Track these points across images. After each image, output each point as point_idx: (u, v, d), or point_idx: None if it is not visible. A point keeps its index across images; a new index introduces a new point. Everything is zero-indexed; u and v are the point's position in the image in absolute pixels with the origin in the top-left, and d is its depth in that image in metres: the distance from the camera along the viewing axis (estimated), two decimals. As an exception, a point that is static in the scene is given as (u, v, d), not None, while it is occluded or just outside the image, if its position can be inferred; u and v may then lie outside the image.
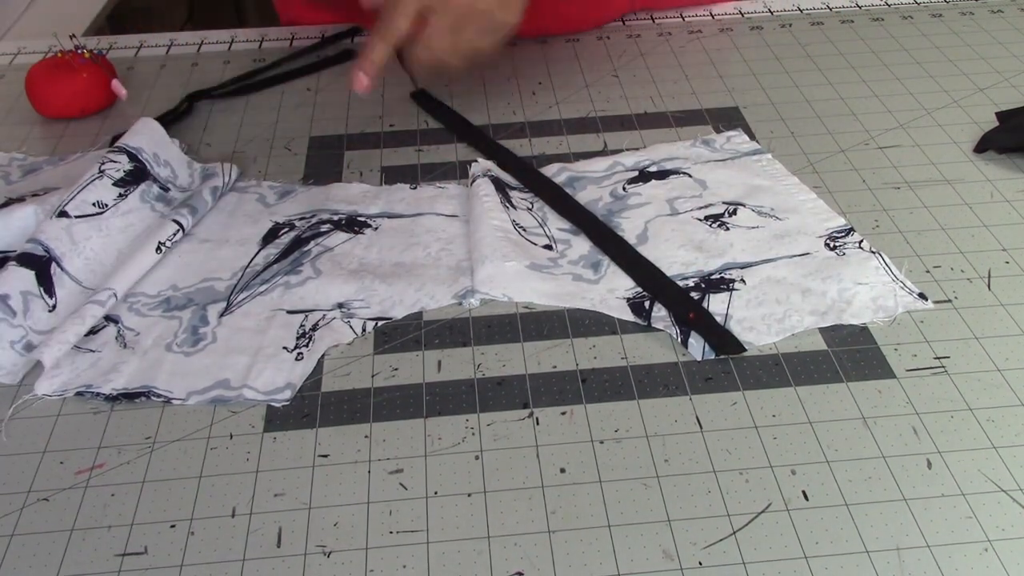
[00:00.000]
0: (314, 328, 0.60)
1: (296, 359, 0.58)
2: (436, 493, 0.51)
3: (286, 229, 0.69)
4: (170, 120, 0.82)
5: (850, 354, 0.58)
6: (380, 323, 0.61)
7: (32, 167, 0.77)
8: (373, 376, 0.58)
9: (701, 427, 0.54)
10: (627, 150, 0.77)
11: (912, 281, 0.63)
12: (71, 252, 0.63)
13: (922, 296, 0.61)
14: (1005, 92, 0.83)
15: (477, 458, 0.52)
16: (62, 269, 0.62)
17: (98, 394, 0.57)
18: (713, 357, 0.58)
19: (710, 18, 0.98)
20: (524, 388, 0.57)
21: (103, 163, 0.68)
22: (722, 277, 0.63)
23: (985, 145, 0.75)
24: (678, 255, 0.65)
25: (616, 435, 0.53)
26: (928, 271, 0.64)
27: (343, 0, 0.96)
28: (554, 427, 0.54)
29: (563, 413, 0.55)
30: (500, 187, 0.71)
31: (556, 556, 0.47)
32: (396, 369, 0.58)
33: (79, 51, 0.84)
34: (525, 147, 0.78)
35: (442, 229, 0.69)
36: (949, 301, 0.61)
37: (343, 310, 0.62)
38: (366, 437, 0.54)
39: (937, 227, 0.67)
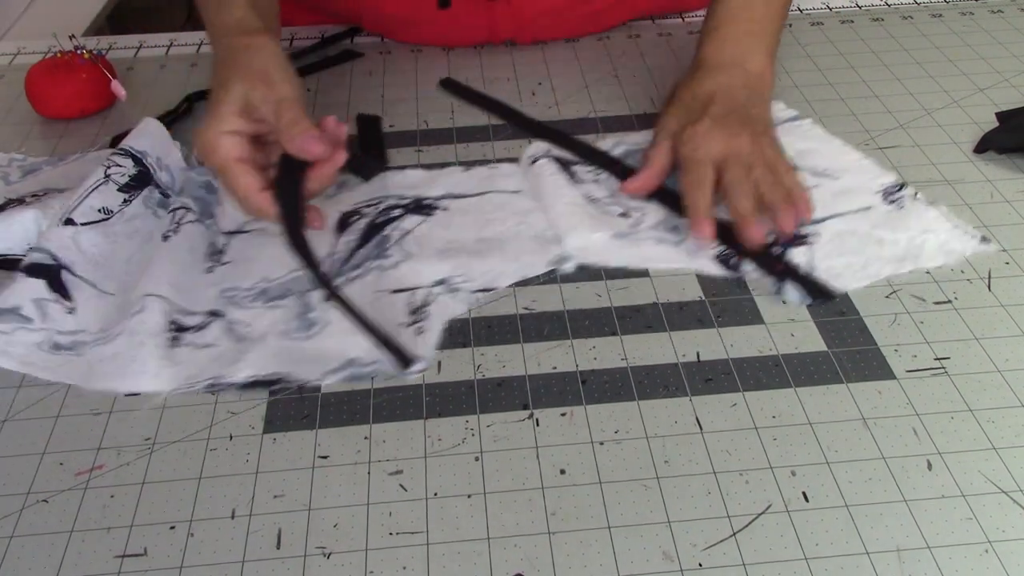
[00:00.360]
0: (424, 304, 0.61)
1: (416, 333, 0.58)
2: (436, 494, 0.51)
3: (355, 217, 0.70)
4: (170, 120, 0.82)
5: (850, 355, 0.58)
6: (487, 292, 0.62)
7: (32, 168, 0.77)
8: (373, 377, 0.58)
9: (701, 428, 0.54)
10: None
11: (912, 281, 0.63)
12: (80, 260, 0.63)
13: (984, 240, 0.65)
14: (1005, 92, 0.83)
15: (477, 459, 0.52)
16: (75, 275, 0.62)
17: (231, 384, 0.57)
18: (810, 303, 0.61)
19: (710, 18, 0.97)
20: (524, 389, 0.56)
21: (109, 167, 0.68)
22: (797, 232, 0.65)
23: (985, 145, 0.75)
24: None
25: (616, 436, 0.53)
26: (928, 271, 0.63)
27: (334, 1, 0.96)
28: (554, 428, 0.54)
29: (563, 414, 0.55)
30: (564, 165, 0.73)
31: (556, 557, 0.47)
32: (396, 370, 0.58)
33: (79, 51, 0.84)
34: (525, 147, 0.78)
35: (511, 204, 0.70)
36: (949, 302, 0.61)
37: (445, 286, 0.62)
38: (366, 438, 0.54)
39: (937, 227, 0.67)
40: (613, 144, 0.76)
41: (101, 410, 0.56)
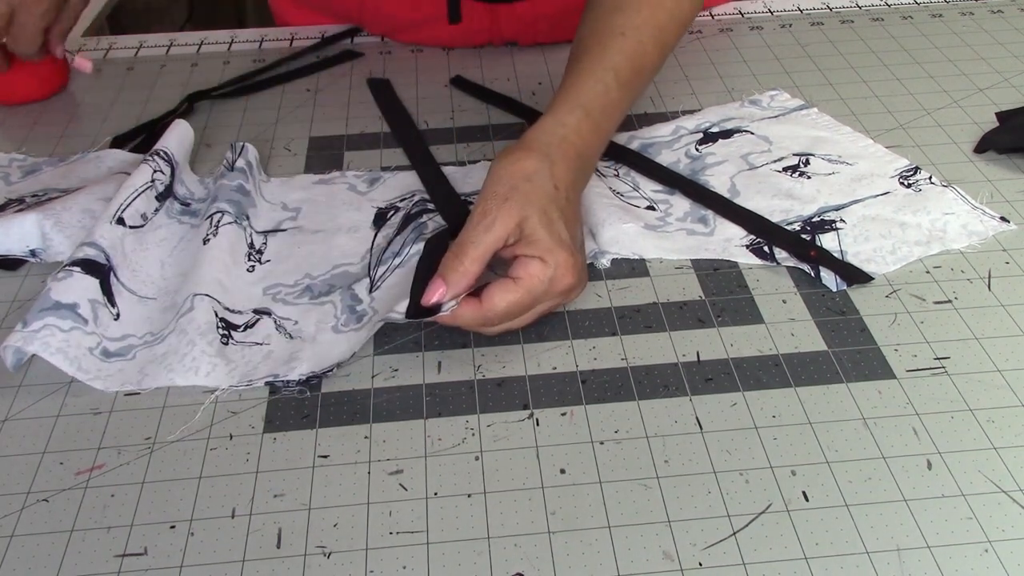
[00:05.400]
0: None
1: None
2: (436, 494, 0.51)
3: (392, 212, 0.70)
4: (170, 120, 0.82)
5: (850, 354, 0.58)
6: None
7: (32, 168, 0.77)
8: (373, 377, 0.58)
9: (701, 428, 0.54)
10: (683, 114, 0.80)
11: (912, 282, 0.63)
12: (122, 263, 0.63)
13: (1004, 219, 0.67)
14: (1005, 92, 0.83)
15: (477, 459, 0.52)
16: (118, 280, 0.62)
17: (289, 382, 0.57)
18: (846, 287, 0.62)
19: (710, 18, 0.98)
20: (524, 389, 0.56)
21: (155, 170, 0.69)
22: (822, 219, 0.67)
23: (985, 145, 0.75)
24: (774, 204, 0.69)
25: (616, 436, 0.53)
26: (928, 271, 0.64)
27: (335, 3, 0.96)
28: (554, 428, 0.54)
29: (563, 414, 0.55)
30: None
31: (556, 557, 0.47)
32: (396, 370, 0.58)
33: None
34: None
35: None
36: (949, 301, 0.61)
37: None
38: (366, 438, 0.54)
39: (937, 227, 0.67)
40: (628, 139, 0.77)
41: (101, 410, 0.56)
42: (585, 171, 0.64)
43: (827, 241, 0.65)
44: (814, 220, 0.67)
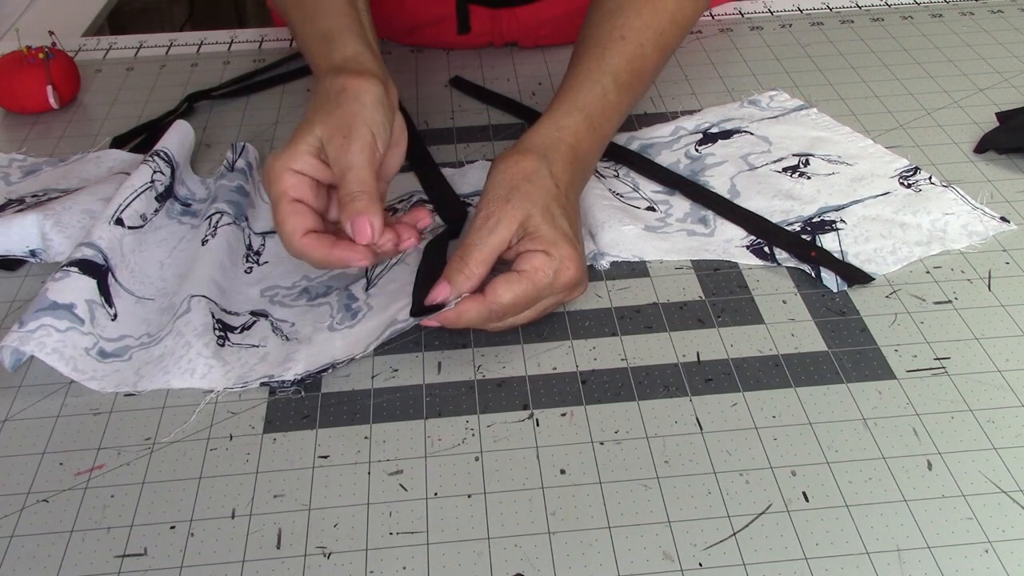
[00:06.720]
0: None
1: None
2: (436, 494, 0.51)
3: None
4: (170, 120, 0.82)
5: (850, 355, 0.58)
6: None
7: (32, 168, 0.77)
8: (373, 377, 0.58)
9: (701, 428, 0.54)
10: (683, 114, 0.80)
11: (912, 282, 0.63)
12: (121, 264, 0.63)
13: (1004, 219, 0.67)
14: (1005, 92, 0.83)
15: (477, 459, 0.52)
16: (116, 280, 0.62)
17: (283, 382, 0.57)
18: (846, 288, 0.62)
19: (710, 18, 0.98)
20: (524, 389, 0.56)
21: (155, 171, 0.69)
22: (822, 220, 0.67)
23: (985, 145, 0.75)
24: (774, 204, 0.69)
25: (616, 436, 0.53)
26: (928, 271, 0.64)
27: None
28: (554, 428, 0.54)
29: (563, 414, 0.55)
30: None
31: (556, 557, 0.47)
32: (396, 370, 0.58)
33: (42, 48, 0.83)
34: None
35: None
36: (949, 302, 0.61)
37: None
38: (366, 438, 0.54)
39: (937, 227, 0.67)
40: (627, 139, 0.77)
41: (101, 410, 0.56)
42: (583, 173, 0.65)
43: (827, 241, 0.65)
44: (814, 220, 0.67)
